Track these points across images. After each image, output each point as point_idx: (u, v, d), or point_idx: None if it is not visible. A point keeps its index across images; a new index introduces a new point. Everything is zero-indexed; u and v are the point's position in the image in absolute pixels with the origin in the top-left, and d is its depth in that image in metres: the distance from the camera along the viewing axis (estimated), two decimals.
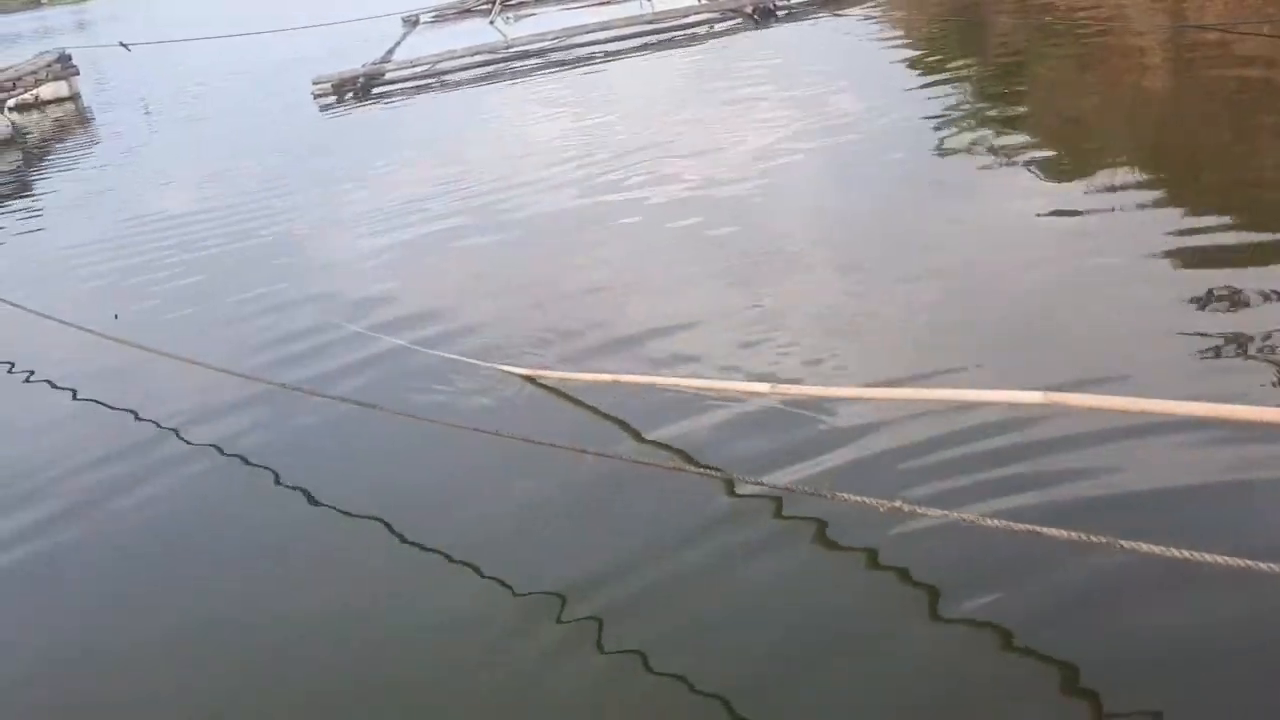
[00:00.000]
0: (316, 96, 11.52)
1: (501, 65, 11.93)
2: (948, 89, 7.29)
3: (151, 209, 7.55)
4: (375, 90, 11.72)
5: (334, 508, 3.12)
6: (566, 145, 7.47)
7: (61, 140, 12.47)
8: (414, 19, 18.46)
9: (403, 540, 2.88)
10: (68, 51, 16.22)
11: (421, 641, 2.49)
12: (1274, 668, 2.06)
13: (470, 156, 7.82)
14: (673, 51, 11.17)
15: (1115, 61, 7.88)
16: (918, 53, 9.17)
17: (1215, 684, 2.04)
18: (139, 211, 7.50)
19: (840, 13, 11.57)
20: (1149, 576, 2.22)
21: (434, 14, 18.95)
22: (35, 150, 12.03)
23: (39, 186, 9.68)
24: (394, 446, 3.45)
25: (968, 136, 5.98)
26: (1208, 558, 1.91)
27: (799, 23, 11.53)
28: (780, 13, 11.99)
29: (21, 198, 9.18)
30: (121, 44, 16.87)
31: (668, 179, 6.04)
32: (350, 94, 11.58)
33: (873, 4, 11.88)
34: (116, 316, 4.85)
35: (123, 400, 4.07)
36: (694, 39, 11.70)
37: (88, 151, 11.23)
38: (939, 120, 6.38)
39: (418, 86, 11.63)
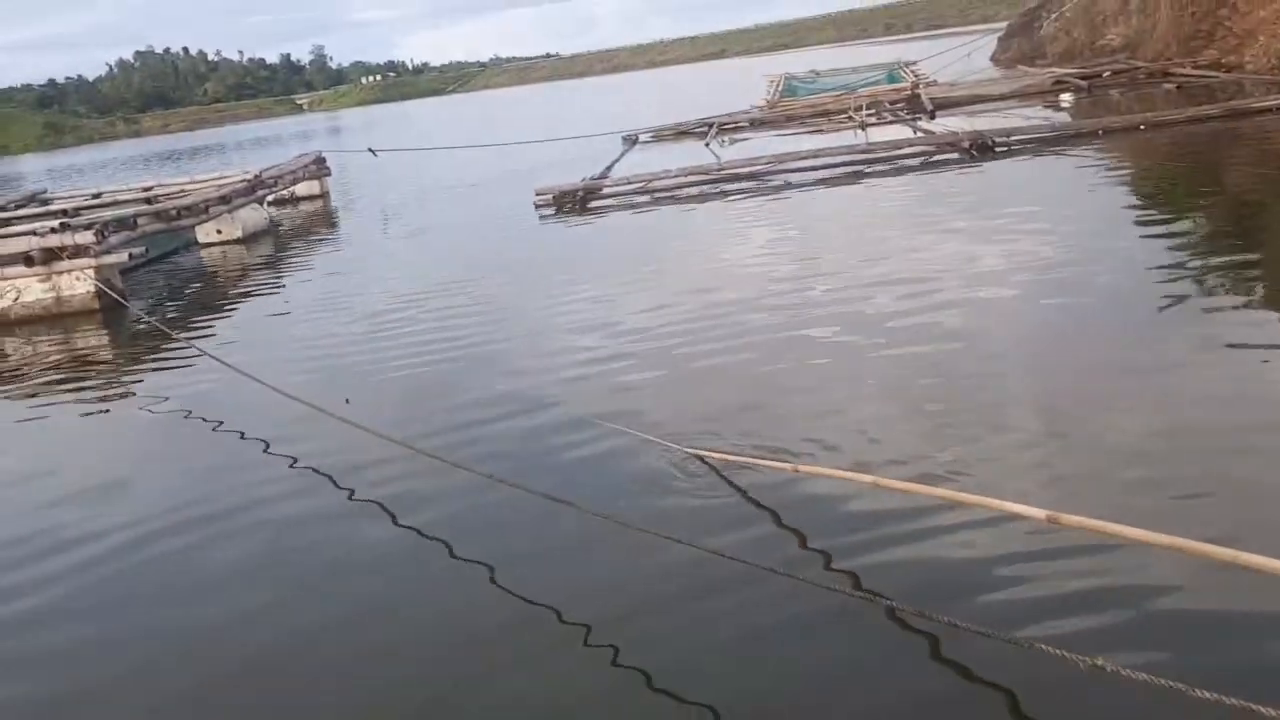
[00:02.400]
0: (538, 206, 12.21)
1: (714, 186, 12.32)
2: (1176, 237, 6.99)
3: (384, 307, 8.12)
4: (592, 204, 12.31)
5: (521, 598, 3.23)
6: (772, 265, 7.59)
7: (309, 236, 13.67)
8: (633, 138, 19.39)
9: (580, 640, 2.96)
10: (323, 154, 17.88)
11: None
12: None
13: (680, 269, 8.07)
14: (885, 182, 11.21)
15: None
16: (1144, 197, 8.85)
17: None
18: (374, 310, 8.07)
19: (1062, 152, 11.37)
20: None
21: (652, 134, 19.85)
22: (287, 242, 13.25)
23: (287, 277, 10.62)
24: (587, 545, 3.56)
25: (1196, 287, 5.68)
26: None
27: (1017, 160, 11.38)
28: (999, 149, 11.89)
29: (274, 286, 10.09)
30: (370, 150, 18.54)
31: (872, 304, 6.04)
32: (569, 205, 12.21)
33: (1096, 145, 11.58)
34: (348, 400, 5.24)
35: (337, 472, 4.42)
36: (907, 170, 11.72)
37: (333, 250, 12.24)
38: (1165, 269, 6.10)
39: (632, 202, 12.13)
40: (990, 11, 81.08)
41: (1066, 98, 16.82)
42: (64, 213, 12.81)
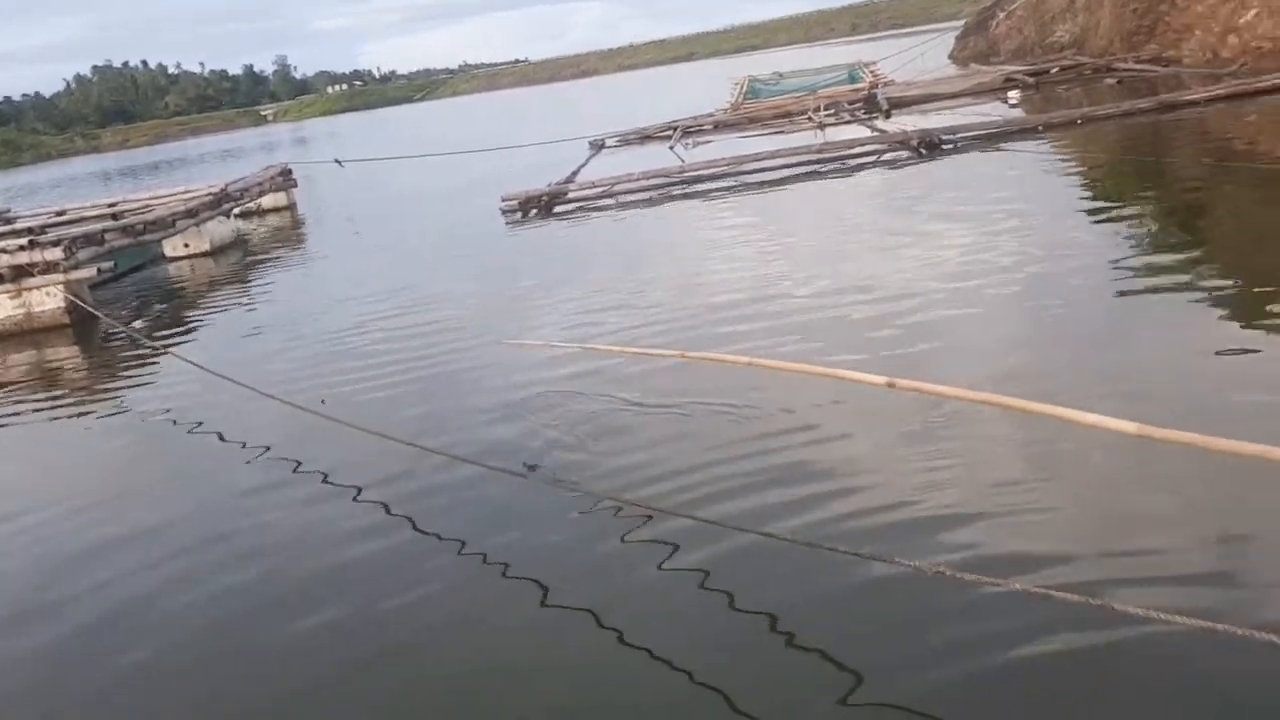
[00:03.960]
0: (504, 212, 12.45)
1: (676, 188, 12.61)
2: (1123, 229, 7.26)
3: (354, 314, 8.33)
4: (557, 208, 12.57)
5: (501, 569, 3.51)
6: (726, 262, 7.90)
7: (277, 248, 13.84)
8: (600, 143, 19.64)
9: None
10: (289, 166, 18.02)
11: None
12: None
13: (638, 268, 8.36)
14: (836, 180, 11.58)
15: None
16: (1090, 190, 9.14)
17: None
18: (343, 317, 8.28)
19: (1005, 148, 11.74)
20: None
21: (619, 139, 20.11)
22: (255, 254, 13.42)
23: (255, 289, 10.82)
24: (552, 518, 3.90)
25: (1146, 278, 5.90)
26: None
27: (965, 155, 11.75)
28: (946, 146, 12.26)
29: (243, 298, 10.29)
30: (336, 161, 18.68)
31: (829, 297, 6.35)
32: (534, 210, 12.46)
33: (1043, 140, 11.98)
34: (324, 400, 5.51)
35: (318, 466, 4.68)
36: (860, 169, 12.06)
37: (301, 261, 12.44)
38: (1114, 260, 6.30)
39: (596, 205, 12.40)
40: (954, 9, 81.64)
41: (1014, 94, 17.24)
42: (30, 230, 12.93)
